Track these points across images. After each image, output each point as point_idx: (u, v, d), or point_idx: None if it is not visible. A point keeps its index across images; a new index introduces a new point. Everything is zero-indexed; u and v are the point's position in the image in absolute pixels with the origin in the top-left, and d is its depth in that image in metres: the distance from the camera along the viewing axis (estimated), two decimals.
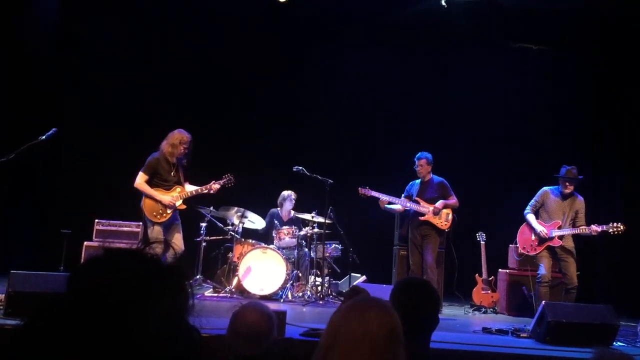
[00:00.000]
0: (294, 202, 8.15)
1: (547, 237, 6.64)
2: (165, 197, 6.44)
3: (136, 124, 8.78)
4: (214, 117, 9.24)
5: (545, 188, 6.90)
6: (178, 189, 6.54)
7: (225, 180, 6.82)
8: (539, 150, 9.29)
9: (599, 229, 6.42)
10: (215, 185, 6.75)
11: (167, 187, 6.49)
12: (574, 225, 6.67)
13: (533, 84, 9.57)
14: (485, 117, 9.65)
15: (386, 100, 9.92)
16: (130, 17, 8.95)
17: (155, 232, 6.41)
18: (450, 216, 7.21)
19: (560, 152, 8.71)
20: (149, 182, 6.44)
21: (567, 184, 6.67)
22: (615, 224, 6.40)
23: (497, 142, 9.57)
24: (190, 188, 6.67)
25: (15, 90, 8.15)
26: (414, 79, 9.68)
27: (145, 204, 6.42)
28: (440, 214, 7.14)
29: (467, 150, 9.67)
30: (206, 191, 6.74)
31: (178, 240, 6.55)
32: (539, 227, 6.70)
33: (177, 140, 6.47)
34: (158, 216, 6.40)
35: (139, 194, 6.52)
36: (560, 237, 6.61)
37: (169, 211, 6.43)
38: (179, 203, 6.50)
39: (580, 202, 6.70)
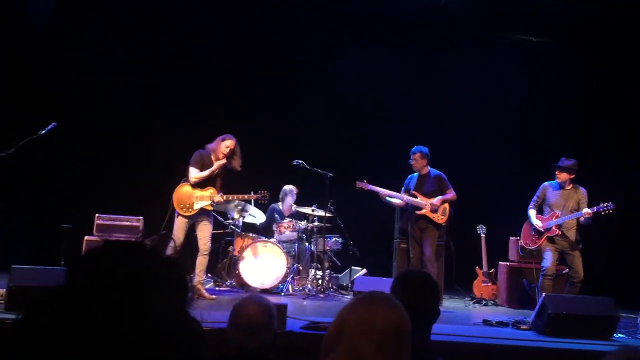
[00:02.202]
0: (295, 196, 8.15)
1: (543, 229, 6.68)
2: (197, 192, 6.53)
3: (136, 120, 8.82)
4: (213, 111, 9.23)
5: (544, 183, 6.94)
6: (211, 190, 6.59)
7: (260, 195, 6.95)
8: (540, 144, 9.29)
9: (592, 211, 6.39)
10: (248, 198, 6.92)
11: (203, 185, 6.58)
12: None
13: (533, 80, 9.54)
14: (485, 112, 9.65)
15: (384, 96, 9.90)
16: (128, 15, 8.93)
17: (179, 222, 6.49)
18: (447, 210, 7.20)
19: (560, 147, 8.69)
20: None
21: (557, 172, 6.69)
22: (605, 204, 6.37)
23: (498, 136, 9.57)
24: (221, 194, 6.69)
25: (15, 87, 8.13)
26: (412, 76, 9.70)
27: (177, 194, 6.54)
28: (437, 210, 7.14)
29: (468, 143, 9.66)
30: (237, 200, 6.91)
31: (204, 236, 6.60)
32: (535, 221, 6.80)
33: (220, 141, 6.63)
34: (184, 209, 6.48)
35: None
36: (559, 227, 6.61)
37: (195, 207, 6.49)
38: (205, 203, 6.53)
39: (581, 192, 6.69)
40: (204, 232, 6.60)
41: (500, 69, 9.45)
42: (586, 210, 6.40)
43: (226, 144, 6.60)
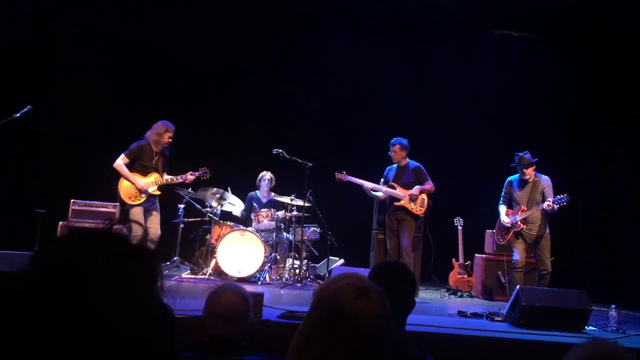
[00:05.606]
0: (271, 182, 8.13)
1: (509, 225, 6.76)
2: (140, 181, 6.65)
3: (114, 106, 8.71)
4: (196, 100, 9.17)
5: (508, 178, 7.02)
6: (154, 175, 6.73)
7: (201, 172, 7.05)
8: (519, 136, 9.36)
9: (549, 203, 6.48)
10: (190, 177, 6.99)
11: (145, 172, 6.72)
12: None
13: (513, 71, 9.62)
14: (465, 103, 9.72)
15: (368, 87, 9.93)
16: (113, 7, 8.84)
17: (134, 213, 6.62)
18: (425, 201, 7.25)
19: (538, 139, 8.80)
20: (129, 166, 6.66)
21: (524, 170, 6.76)
22: (560, 196, 6.46)
23: (477, 129, 9.64)
24: (166, 177, 6.86)
25: None
26: (396, 67, 9.75)
27: (121, 186, 6.66)
28: (415, 200, 7.19)
29: (447, 135, 9.72)
30: (181, 180, 6.97)
31: (154, 224, 6.76)
32: (503, 217, 6.89)
33: (162, 129, 6.75)
34: (133, 198, 6.64)
35: (116, 177, 6.70)
36: (524, 221, 6.70)
37: (143, 195, 6.64)
38: (152, 189, 6.69)
39: (543, 182, 6.74)
40: (154, 221, 6.77)
41: (480, 57, 9.51)
42: (547, 202, 6.49)
43: (169, 135, 6.76)
